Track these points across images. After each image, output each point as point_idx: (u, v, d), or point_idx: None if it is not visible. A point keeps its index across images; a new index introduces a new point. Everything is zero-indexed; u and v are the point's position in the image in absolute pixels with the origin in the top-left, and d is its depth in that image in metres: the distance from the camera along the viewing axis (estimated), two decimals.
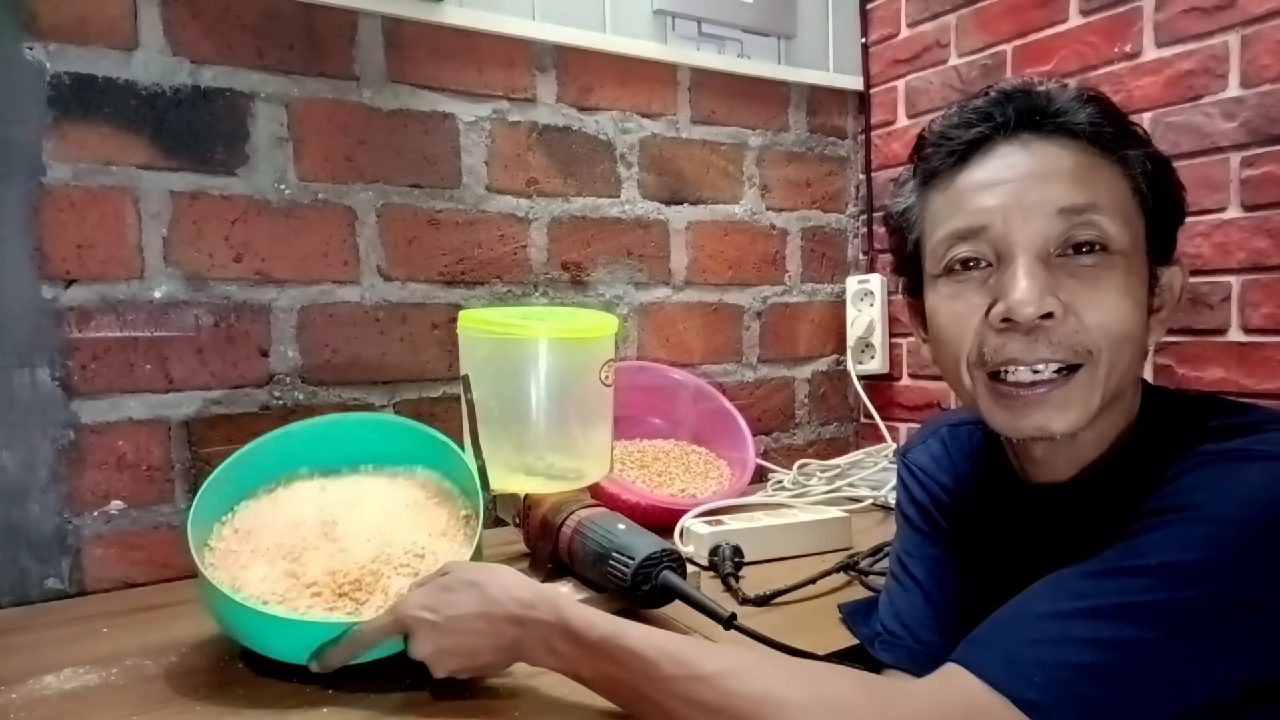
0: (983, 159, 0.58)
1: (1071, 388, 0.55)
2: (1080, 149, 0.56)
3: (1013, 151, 0.57)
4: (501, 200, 1.19)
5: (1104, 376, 0.55)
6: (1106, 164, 0.56)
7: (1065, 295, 0.54)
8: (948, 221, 0.59)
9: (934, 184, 0.61)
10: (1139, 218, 0.57)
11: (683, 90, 1.34)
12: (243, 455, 0.80)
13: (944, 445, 0.74)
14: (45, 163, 0.91)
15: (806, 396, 1.51)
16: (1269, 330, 1.02)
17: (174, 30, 0.97)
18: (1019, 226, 0.55)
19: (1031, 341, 0.55)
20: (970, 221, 0.57)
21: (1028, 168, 0.56)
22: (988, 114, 0.58)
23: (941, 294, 0.60)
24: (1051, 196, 0.55)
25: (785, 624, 0.77)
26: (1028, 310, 0.54)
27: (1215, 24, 1.04)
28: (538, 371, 0.87)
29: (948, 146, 0.59)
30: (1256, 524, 0.48)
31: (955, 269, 0.59)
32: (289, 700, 0.65)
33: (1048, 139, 0.57)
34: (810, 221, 1.50)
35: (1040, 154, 0.56)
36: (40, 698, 0.67)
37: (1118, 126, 0.57)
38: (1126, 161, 0.57)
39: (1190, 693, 0.47)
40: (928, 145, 0.62)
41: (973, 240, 0.57)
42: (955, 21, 1.35)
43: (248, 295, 1.02)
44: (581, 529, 0.82)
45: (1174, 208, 0.59)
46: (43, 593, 0.91)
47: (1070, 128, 0.56)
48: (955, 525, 0.71)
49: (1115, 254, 0.55)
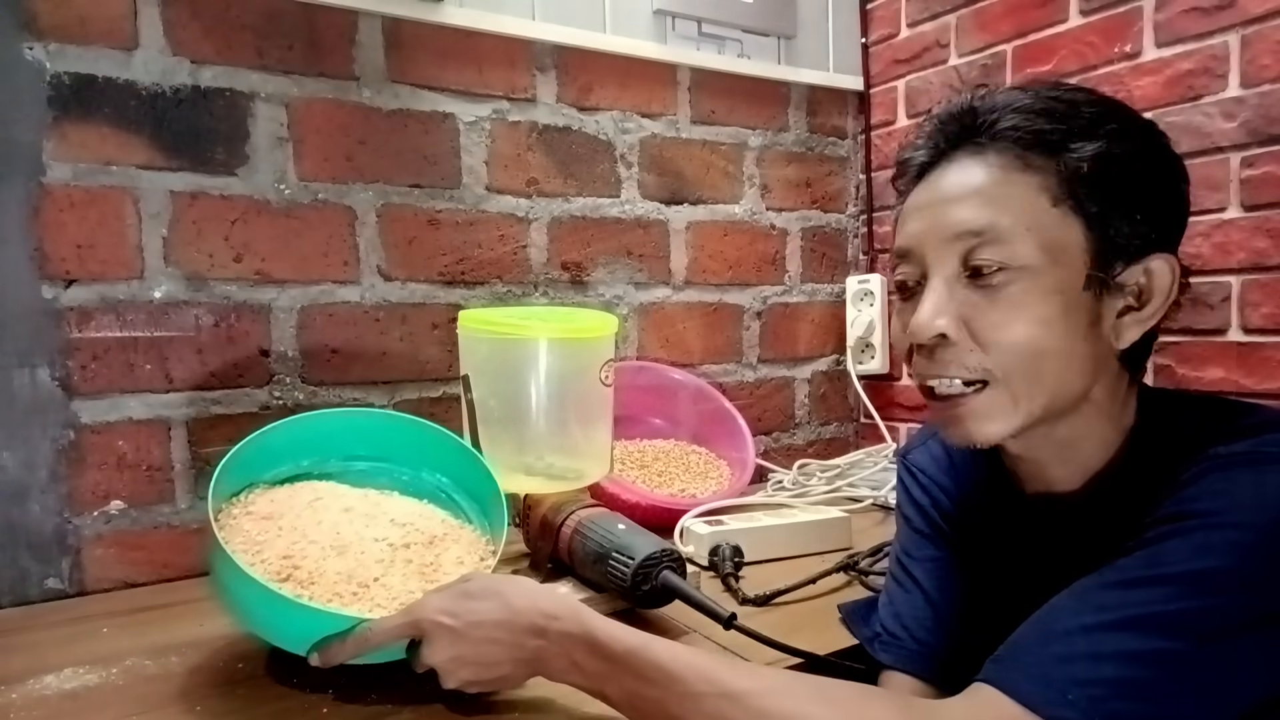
0: (924, 181, 0.61)
1: (983, 402, 0.57)
2: (1001, 160, 0.57)
3: (943, 173, 0.59)
4: (501, 200, 1.19)
5: (1021, 392, 0.56)
6: (1024, 173, 0.56)
7: (967, 315, 0.56)
8: (895, 240, 0.63)
9: (901, 202, 0.64)
10: (1066, 223, 0.55)
11: (683, 90, 1.34)
12: (263, 435, 0.77)
13: (944, 447, 0.74)
14: (45, 163, 0.91)
15: (806, 396, 1.51)
16: (1269, 330, 1.02)
17: (174, 30, 0.97)
18: (931, 249, 0.58)
19: (932, 360, 0.58)
20: (902, 244, 0.61)
21: (945, 189, 0.58)
22: (932, 134, 0.61)
23: (895, 309, 0.64)
24: (955, 220, 0.57)
25: (785, 624, 0.77)
26: (920, 334, 0.57)
27: (1215, 24, 1.04)
28: (538, 371, 0.87)
29: (906, 169, 0.63)
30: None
31: (902, 286, 0.62)
32: (289, 701, 0.65)
33: (975, 154, 0.58)
34: (810, 221, 1.50)
35: (961, 171, 0.58)
36: (40, 698, 0.67)
37: (1055, 123, 0.56)
38: (1058, 162, 0.55)
39: (1220, 701, 0.47)
40: (897, 169, 0.65)
41: (905, 262, 0.61)
42: (955, 21, 1.35)
43: (248, 295, 1.02)
44: (581, 529, 0.82)
45: (1138, 199, 0.56)
46: (43, 593, 0.91)
47: (996, 136, 0.57)
48: (955, 527, 0.71)
49: (1020, 271, 0.55)
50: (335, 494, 0.78)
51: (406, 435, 0.84)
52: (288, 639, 0.65)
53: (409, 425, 0.85)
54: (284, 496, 0.76)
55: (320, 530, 0.72)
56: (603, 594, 0.79)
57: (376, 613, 0.65)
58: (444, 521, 0.79)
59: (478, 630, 0.59)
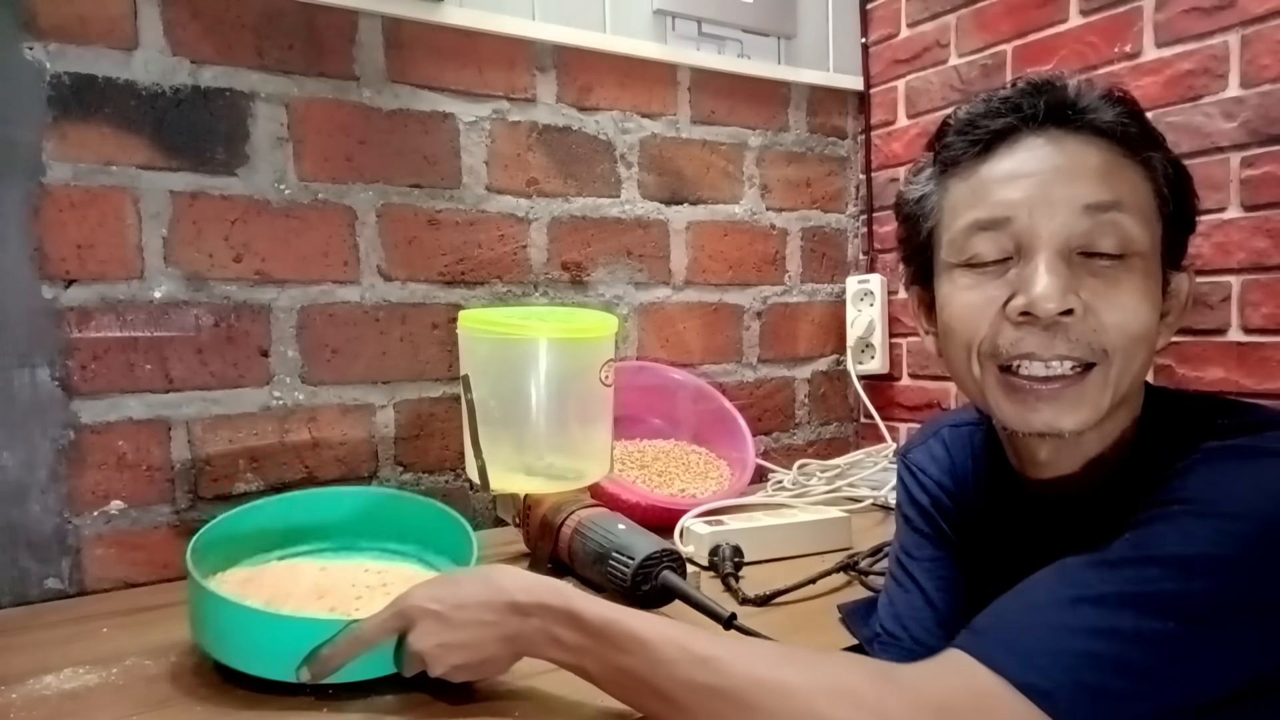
0: (1008, 150, 0.57)
1: (1085, 386, 0.55)
2: (1106, 147, 0.56)
3: (1039, 145, 0.56)
4: (501, 200, 1.19)
5: (1116, 377, 0.55)
6: (1131, 164, 0.56)
7: (1085, 294, 0.54)
8: (969, 211, 0.58)
9: (955, 172, 0.60)
10: (1158, 221, 0.57)
11: (683, 90, 1.34)
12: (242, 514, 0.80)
13: (945, 446, 0.74)
14: (45, 163, 0.91)
15: (806, 396, 1.51)
16: (1269, 330, 1.02)
17: (174, 30, 0.97)
18: (1043, 221, 0.55)
19: (1049, 337, 0.55)
20: (994, 212, 0.56)
21: (1054, 162, 0.56)
22: (1016, 105, 0.57)
23: (959, 284, 0.59)
24: (1077, 193, 0.54)
25: (785, 624, 0.77)
26: (1049, 305, 0.53)
27: (1215, 24, 1.04)
28: (538, 371, 0.87)
29: (973, 135, 0.58)
30: (1271, 521, 0.47)
31: (975, 260, 0.58)
32: (289, 701, 0.64)
33: (1074, 134, 0.56)
34: (810, 221, 1.50)
35: (1067, 149, 0.56)
36: (40, 698, 0.67)
37: (1143, 128, 0.57)
38: (1149, 164, 0.57)
39: (1197, 685, 0.47)
40: (951, 132, 0.60)
41: (995, 231, 0.57)
42: (955, 21, 1.35)
43: (248, 295, 1.02)
44: (581, 529, 0.82)
45: (1188, 214, 0.59)
46: (43, 593, 0.91)
47: (1097, 125, 0.56)
48: (955, 526, 0.71)
49: (1135, 255, 0.55)
50: (310, 561, 0.82)
51: (368, 509, 0.87)
52: (271, 661, 0.64)
53: (367, 498, 0.88)
54: (257, 570, 0.78)
55: (299, 584, 0.74)
56: (603, 594, 0.80)
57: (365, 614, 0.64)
58: (419, 571, 0.81)
59: (462, 612, 0.59)
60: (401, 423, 1.12)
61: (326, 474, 1.07)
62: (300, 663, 0.62)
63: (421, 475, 1.13)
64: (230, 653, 0.68)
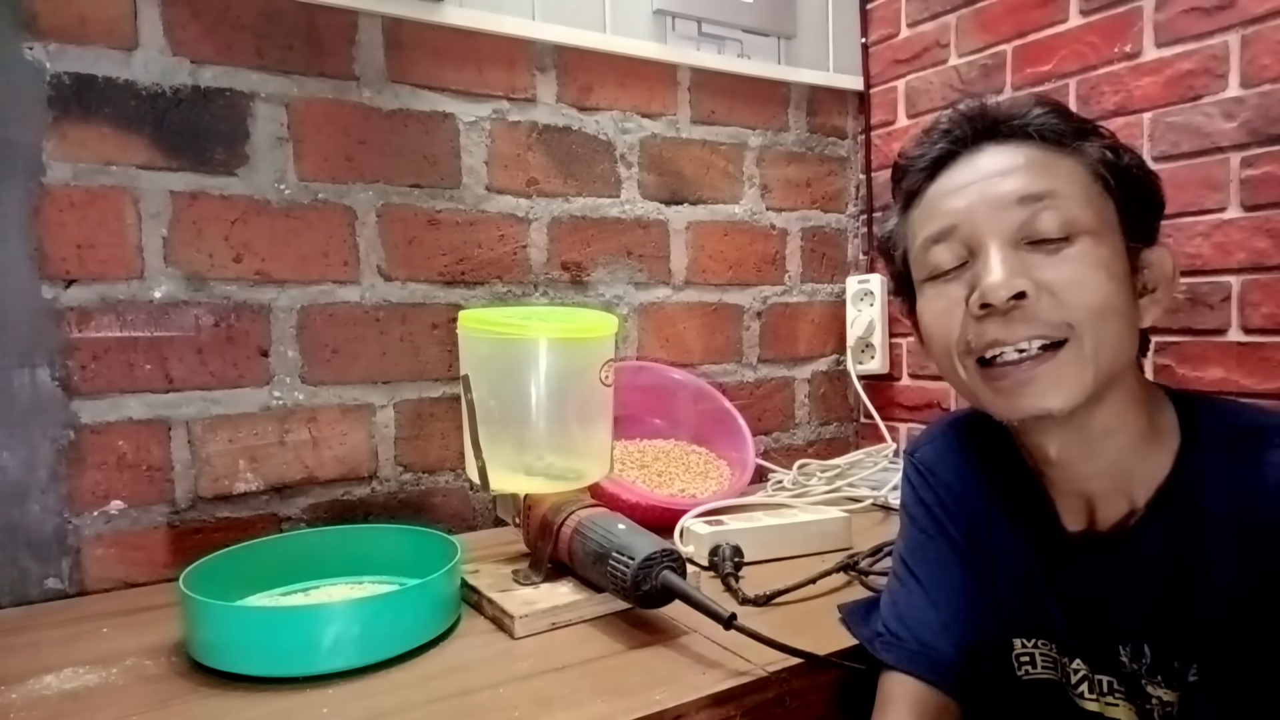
0: (949, 171, 0.63)
1: (1060, 363, 0.57)
2: (1035, 146, 0.60)
3: (975, 159, 0.62)
4: (501, 200, 1.19)
5: (1091, 351, 0.57)
6: (1061, 156, 0.60)
7: (1037, 274, 0.57)
8: (924, 229, 0.63)
9: (912, 202, 0.65)
10: (1104, 200, 0.60)
11: (683, 90, 1.34)
12: (226, 557, 0.83)
13: (953, 445, 0.74)
14: (45, 163, 0.91)
15: (806, 396, 1.51)
16: (1269, 330, 1.02)
17: (174, 30, 0.97)
18: (985, 219, 0.59)
19: (1009, 322, 0.57)
20: (942, 223, 0.61)
21: (987, 168, 0.60)
22: (948, 131, 0.63)
23: (927, 296, 0.64)
24: (1012, 188, 0.58)
25: (785, 624, 0.77)
26: (1000, 292, 0.57)
27: (1215, 24, 1.04)
28: (538, 371, 0.87)
29: (918, 165, 0.64)
30: None
31: (937, 272, 0.62)
32: (289, 701, 0.65)
33: (1004, 144, 0.61)
34: (810, 221, 1.50)
35: (999, 156, 0.61)
36: (40, 698, 0.67)
37: (1068, 123, 0.61)
38: (1081, 151, 0.60)
39: None
40: (901, 169, 0.67)
41: (947, 240, 0.61)
42: (955, 21, 1.35)
43: (248, 295, 1.02)
44: (581, 529, 0.82)
45: (1142, 191, 0.62)
46: (43, 593, 0.91)
47: (1024, 130, 0.60)
48: (962, 528, 0.71)
49: (1083, 234, 0.57)
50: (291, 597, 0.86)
51: (343, 548, 0.91)
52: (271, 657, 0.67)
53: (338, 537, 0.92)
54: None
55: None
56: (602, 594, 0.80)
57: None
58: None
59: None
60: (401, 423, 1.12)
61: (326, 474, 1.07)
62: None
63: (421, 475, 1.13)
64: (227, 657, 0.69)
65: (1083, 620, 0.63)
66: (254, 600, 0.83)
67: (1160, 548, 0.59)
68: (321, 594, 0.86)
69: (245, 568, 0.84)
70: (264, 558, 0.86)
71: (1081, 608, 0.63)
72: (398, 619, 0.71)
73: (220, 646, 0.69)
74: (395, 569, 0.89)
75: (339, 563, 0.90)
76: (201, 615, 0.69)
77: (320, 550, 0.90)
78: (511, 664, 0.70)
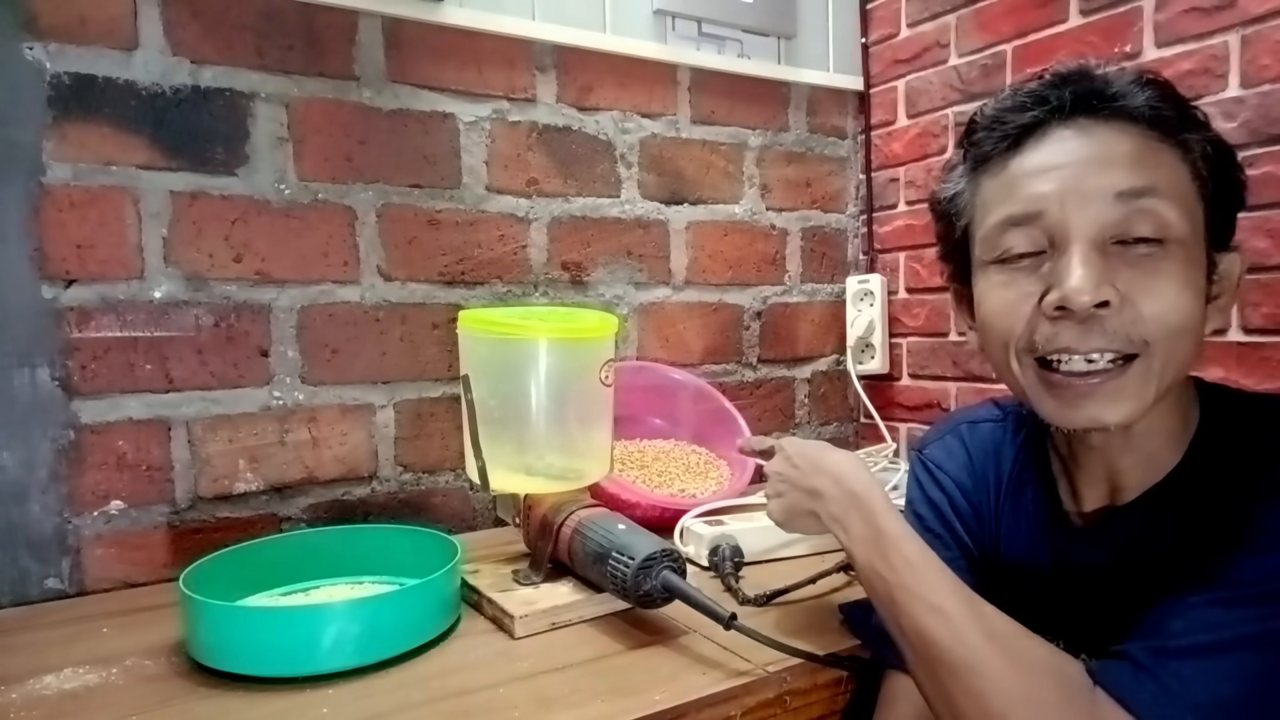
0: (1037, 143, 0.57)
1: (1126, 379, 0.54)
2: (1138, 133, 0.55)
3: (1068, 136, 0.56)
4: (501, 200, 1.19)
5: (1159, 368, 0.54)
6: (1165, 148, 0.55)
7: (1122, 284, 0.53)
8: (1001, 207, 0.58)
9: (985, 169, 0.60)
10: (1198, 203, 0.55)
11: (683, 90, 1.34)
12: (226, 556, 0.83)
13: (964, 443, 0.73)
14: (45, 163, 0.91)
15: (806, 396, 1.51)
16: (1269, 330, 1.02)
17: (174, 30, 0.97)
18: (1075, 212, 0.54)
19: (1085, 331, 0.54)
20: (1025, 207, 0.56)
21: (1084, 152, 0.55)
22: (1043, 97, 0.57)
23: (993, 281, 0.59)
24: (1109, 181, 0.53)
25: (785, 624, 0.77)
26: (1084, 299, 0.52)
27: (1215, 24, 1.04)
28: (538, 371, 0.87)
29: (1000, 130, 0.58)
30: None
31: (1008, 256, 0.57)
32: (289, 700, 0.65)
33: (1104, 123, 0.55)
34: (810, 221, 1.50)
35: (1097, 138, 0.55)
36: (40, 698, 0.67)
37: (1177, 110, 0.56)
38: (1186, 145, 0.55)
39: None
40: (979, 129, 0.60)
41: (1027, 226, 0.56)
42: (955, 21, 1.35)
43: (248, 295, 1.02)
44: (581, 529, 0.82)
45: (1234, 193, 0.58)
46: (43, 593, 0.91)
47: (1128, 111, 0.55)
48: (970, 528, 0.70)
49: (1173, 242, 0.53)
50: (291, 597, 0.87)
51: (343, 548, 0.91)
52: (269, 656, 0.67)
53: (338, 537, 0.92)
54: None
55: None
56: (602, 594, 0.80)
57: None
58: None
59: (801, 459, 0.70)
60: (401, 423, 1.12)
61: (326, 474, 1.07)
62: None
63: (421, 475, 1.13)
64: (227, 657, 0.69)
65: (1090, 616, 0.63)
66: (254, 600, 0.83)
67: (1167, 529, 0.58)
68: (321, 594, 0.86)
69: (245, 568, 0.83)
70: (264, 558, 0.86)
71: (1089, 603, 0.63)
72: (398, 619, 0.71)
73: (220, 646, 0.69)
74: (395, 569, 0.89)
75: (339, 563, 0.90)
76: (201, 615, 0.69)
77: (320, 550, 0.90)
78: (511, 664, 0.70)
